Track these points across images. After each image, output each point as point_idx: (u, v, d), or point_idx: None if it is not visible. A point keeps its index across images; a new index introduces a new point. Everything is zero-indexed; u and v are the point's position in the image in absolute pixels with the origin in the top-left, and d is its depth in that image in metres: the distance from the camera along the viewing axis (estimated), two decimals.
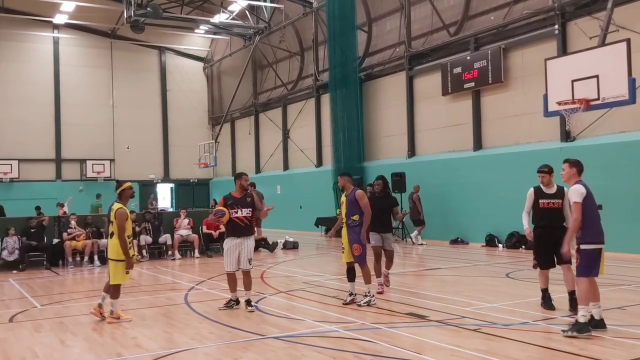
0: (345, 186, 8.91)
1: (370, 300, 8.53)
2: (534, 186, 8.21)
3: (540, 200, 8.01)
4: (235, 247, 8.50)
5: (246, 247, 8.50)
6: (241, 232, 8.50)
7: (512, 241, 16.10)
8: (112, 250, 7.96)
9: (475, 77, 17.75)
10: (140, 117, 32.68)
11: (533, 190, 8.15)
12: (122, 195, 8.07)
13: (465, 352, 5.98)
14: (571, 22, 15.34)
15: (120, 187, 8.12)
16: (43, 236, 14.99)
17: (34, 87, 30.28)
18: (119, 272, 7.92)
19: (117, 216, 7.82)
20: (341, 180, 9.01)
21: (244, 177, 8.80)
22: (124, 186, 8.10)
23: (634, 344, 6.14)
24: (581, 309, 6.51)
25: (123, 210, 7.90)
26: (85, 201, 24.24)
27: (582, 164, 7.02)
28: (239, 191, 8.67)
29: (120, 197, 8.07)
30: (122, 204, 8.00)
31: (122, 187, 8.09)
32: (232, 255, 8.50)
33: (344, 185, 8.92)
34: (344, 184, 8.91)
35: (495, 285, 10.31)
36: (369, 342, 6.50)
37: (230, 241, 8.56)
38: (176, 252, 16.12)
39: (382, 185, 9.96)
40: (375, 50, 22.56)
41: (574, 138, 15.28)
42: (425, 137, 20.10)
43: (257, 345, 6.55)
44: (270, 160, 29.26)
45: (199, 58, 35.07)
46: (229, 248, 8.55)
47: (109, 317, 7.98)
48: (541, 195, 8.04)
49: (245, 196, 8.62)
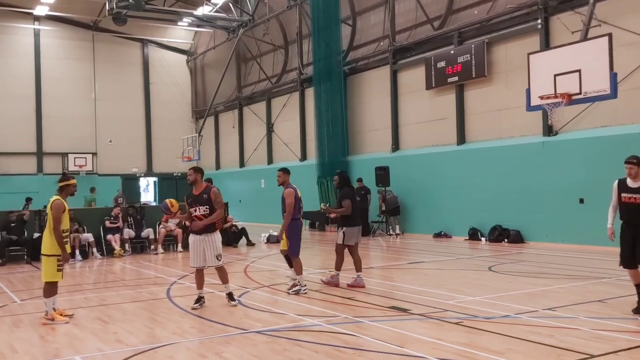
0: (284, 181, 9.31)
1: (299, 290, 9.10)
2: (619, 178, 7.63)
3: (623, 194, 7.51)
4: (198, 242, 8.34)
5: (211, 243, 8.32)
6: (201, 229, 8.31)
7: (495, 235, 16.20)
8: (44, 245, 7.56)
9: (459, 71, 17.81)
10: (123, 110, 32.33)
11: (617, 183, 7.61)
12: (63, 190, 7.71)
13: (447, 345, 6.00)
14: (554, 17, 15.43)
15: (66, 181, 7.77)
16: (23, 230, 14.81)
17: (14, 80, 29.80)
18: (52, 268, 7.53)
19: (54, 207, 7.44)
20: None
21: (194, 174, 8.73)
22: (69, 182, 7.78)
23: (614, 337, 6.19)
24: None
25: (60, 202, 7.53)
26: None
27: None
28: (197, 188, 8.52)
29: (61, 190, 7.71)
30: (61, 198, 7.64)
31: (67, 182, 7.76)
32: (196, 250, 8.34)
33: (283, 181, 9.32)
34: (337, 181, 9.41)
35: (477, 279, 10.36)
36: (351, 335, 6.50)
37: (193, 237, 8.45)
38: (159, 247, 16.01)
39: (338, 180, 10.05)
40: (360, 44, 22.53)
41: (556, 132, 15.39)
42: (409, 131, 20.13)
43: (239, 340, 6.51)
44: (254, 154, 29.16)
45: (182, 51, 34.78)
46: (192, 243, 8.44)
47: (42, 318, 7.56)
48: (624, 189, 7.51)
49: (202, 193, 8.39)
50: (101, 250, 15.39)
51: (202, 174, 8.57)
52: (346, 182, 10.09)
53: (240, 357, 5.84)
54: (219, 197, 8.43)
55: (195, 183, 8.44)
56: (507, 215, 16.15)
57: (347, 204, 9.60)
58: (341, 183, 10.02)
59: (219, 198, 8.43)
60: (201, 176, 8.53)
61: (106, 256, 15.32)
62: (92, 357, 6.03)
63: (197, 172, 8.50)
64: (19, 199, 20.05)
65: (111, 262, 14.37)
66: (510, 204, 16.11)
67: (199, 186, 8.44)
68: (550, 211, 15.19)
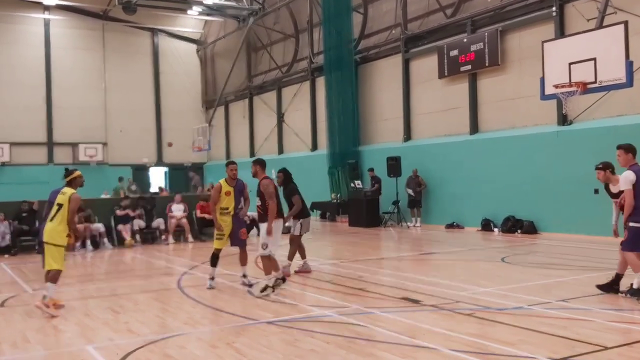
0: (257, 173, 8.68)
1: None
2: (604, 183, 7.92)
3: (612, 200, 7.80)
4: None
5: (262, 232, 8.54)
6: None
7: (508, 225, 16.06)
8: (52, 234, 7.71)
9: (471, 59, 17.60)
10: (133, 100, 32.32)
11: (604, 188, 8.00)
12: (72, 183, 8.02)
13: (459, 336, 5.94)
14: (569, 4, 15.19)
15: (72, 175, 8.05)
16: (35, 220, 14.86)
17: (24, 70, 29.87)
18: (61, 257, 7.75)
19: (73, 200, 7.75)
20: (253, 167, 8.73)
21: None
22: (74, 174, 8.07)
23: (627, 328, 6.12)
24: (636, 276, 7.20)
25: (78, 195, 7.92)
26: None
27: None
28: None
29: (70, 184, 8.00)
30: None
31: (74, 176, 8.05)
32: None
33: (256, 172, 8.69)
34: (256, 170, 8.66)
35: (490, 270, 10.28)
36: (363, 326, 6.45)
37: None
38: (170, 237, 16.04)
39: (282, 177, 10.16)
40: (371, 33, 22.35)
41: (570, 122, 15.19)
42: (421, 121, 19.98)
43: (251, 330, 6.49)
44: (264, 144, 29.10)
45: (192, 40, 34.68)
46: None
47: (40, 301, 7.58)
48: (609, 194, 7.83)
49: (258, 185, 8.50)
50: (112, 241, 15.42)
51: (262, 165, 8.58)
52: (290, 179, 10.23)
53: (251, 347, 5.82)
54: (268, 189, 8.38)
55: (256, 175, 8.54)
56: (520, 205, 15.99)
57: (297, 199, 9.88)
58: (285, 180, 10.16)
59: (268, 190, 8.38)
60: (261, 167, 8.56)
61: (117, 246, 15.36)
62: (104, 346, 6.03)
63: (256, 164, 8.62)
64: (30, 189, 20.17)
65: (122, 253, 14.41)
66: (524, 194, 15.95)
67: (260, 178, 8.54)
68: (564, 202, 15.02)
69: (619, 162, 7.58)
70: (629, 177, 7.23)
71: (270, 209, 8.30)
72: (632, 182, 7.17)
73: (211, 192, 8.77)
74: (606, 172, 7.84)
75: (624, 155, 7.44)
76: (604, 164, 7.83)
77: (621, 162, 7.49)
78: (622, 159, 7.47)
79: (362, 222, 19.41)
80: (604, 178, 7.83)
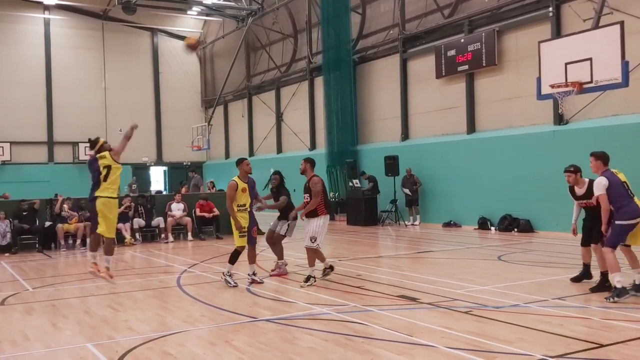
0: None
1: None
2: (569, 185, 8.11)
3: (576, 202, 7.97)
4: (305, 224, 9.02)
5: (309, 226, 8.88)
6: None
7: (505, 224, 16.15)
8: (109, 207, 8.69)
9: (469, 59, 17.69)
10: (133, 100, 32.38)
11: (569, 189, 8.10)
12: (101, 150, 8.85)
13: (456, 334, 6.01)
14: (565, 5, 15.27)
15: (98, 144, 8.93)
16: (35, 219, 14.93)
17: (24, 70, 29.94)
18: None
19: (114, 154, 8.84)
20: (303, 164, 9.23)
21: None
22: (100, 142, 8.95)
23: (624, 326, 6.18)
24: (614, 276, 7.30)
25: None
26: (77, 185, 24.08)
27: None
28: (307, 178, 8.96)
29: (100, 152, 8.81)
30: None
31: (100, 144, 8.92)
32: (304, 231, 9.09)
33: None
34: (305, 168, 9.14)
35: (487, 268, 10.35)
36: (361, 324, 6.52)
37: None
38: (169, 235, 16.10)
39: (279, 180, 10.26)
40: (369, 33, 22.41)
41: (566, 121, 15.28)
42: (418, 120, 20.05)
43: (249, 328, 6.56)
44: (263, 143, 29.17)
45: None
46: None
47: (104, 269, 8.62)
48: (574, 196, 7.99)
49: (307, 182, 8.94)
50: None
51: (311, 164, 9.06)
52: (284, 184, 10.33)
53: (250, 345, 5.88)
54: (316, 187, 8.82)
55: (305, 172, 8.97)
56: (517, 204, 16.07)
57: (285, 199, 10.04)
58: (281, 182, 10.24)
59: (316, 187, 8.82)
60: (310, 165, 9.04)
61: (116, 245, 15.37)
62: (104, 344, 6.08)
63: (307, 162, 9.10)
64: (31, 187, 20.23)
65: (122, 251, 14.46)
66: (520, 193, 16.02)
67: (308, 175, 8.97)
68: (561, 200, 14.99)
69: (591, 169, 7.73)
70: (601, 182, 7.46)
71: (311, 204, 8.77)
72: (605, 187, 7.39)
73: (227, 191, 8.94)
74: (577, 175, 8.08)
75: (594, 162, 7.68)
76: (574, 167, 8.08)
77: (593, 168, 7.73)
78: (593, 165, 7.72)
79: (360, 220, 19.50)
80: (574, 181, 8.06)
